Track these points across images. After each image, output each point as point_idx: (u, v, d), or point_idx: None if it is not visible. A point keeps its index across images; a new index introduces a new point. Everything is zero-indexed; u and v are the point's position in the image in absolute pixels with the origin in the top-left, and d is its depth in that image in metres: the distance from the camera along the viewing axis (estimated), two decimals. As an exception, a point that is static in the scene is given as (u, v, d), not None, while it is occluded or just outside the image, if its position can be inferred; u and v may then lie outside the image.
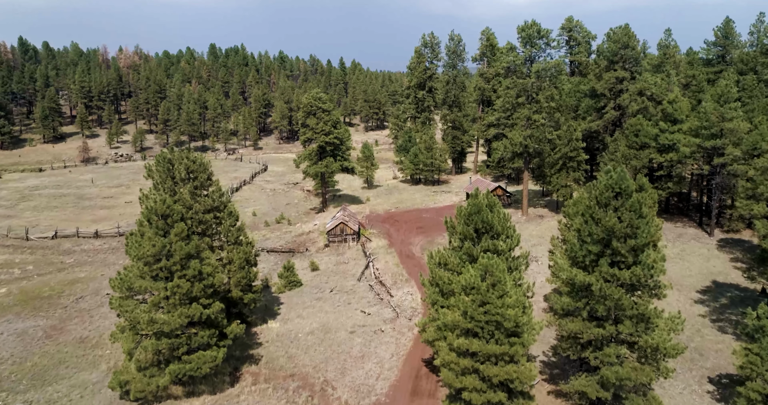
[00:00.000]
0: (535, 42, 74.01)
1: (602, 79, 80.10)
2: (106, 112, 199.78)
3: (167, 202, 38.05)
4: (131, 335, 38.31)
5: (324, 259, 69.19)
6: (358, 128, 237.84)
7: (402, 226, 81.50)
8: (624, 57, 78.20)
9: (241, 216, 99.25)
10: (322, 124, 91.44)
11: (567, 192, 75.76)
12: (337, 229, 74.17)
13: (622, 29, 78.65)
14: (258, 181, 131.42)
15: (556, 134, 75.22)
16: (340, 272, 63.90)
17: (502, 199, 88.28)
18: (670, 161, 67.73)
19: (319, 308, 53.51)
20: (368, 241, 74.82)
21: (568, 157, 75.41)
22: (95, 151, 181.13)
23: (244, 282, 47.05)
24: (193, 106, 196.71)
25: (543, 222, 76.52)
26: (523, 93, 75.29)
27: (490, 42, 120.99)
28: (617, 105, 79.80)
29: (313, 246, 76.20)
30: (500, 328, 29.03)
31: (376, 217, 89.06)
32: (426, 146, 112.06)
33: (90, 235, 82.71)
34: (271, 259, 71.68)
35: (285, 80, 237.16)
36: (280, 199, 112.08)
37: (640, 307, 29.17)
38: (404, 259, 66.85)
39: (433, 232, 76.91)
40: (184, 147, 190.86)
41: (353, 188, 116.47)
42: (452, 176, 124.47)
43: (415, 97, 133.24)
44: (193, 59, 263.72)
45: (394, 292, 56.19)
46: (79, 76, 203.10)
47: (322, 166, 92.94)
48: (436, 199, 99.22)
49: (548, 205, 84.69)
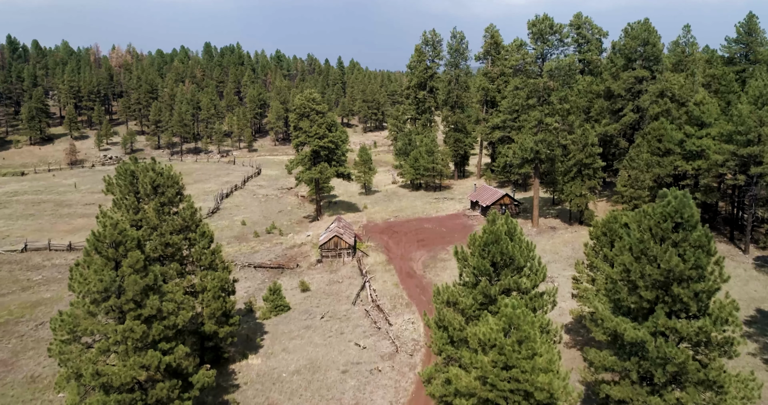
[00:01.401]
0: (547, 38, 67.59)
1: (619, 78, 73.64)
2: (95, 112, 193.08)
3: (119, 227, 31.55)
4: (76, 387, 31.81)
5: (316, 277, 62.70)
6: (356, 129, 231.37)
7: (401, 239, 75.04)
8: (644, 54, 71.72)
9: (229, 225, 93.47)
10: (315, 127, 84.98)
11: (582, 202, 69.34)
12: (330, 243, 67.68)
13: (641, 24, 72.18)
14: (250, 185, 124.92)
15: (570, 139, 68.81)
16: (332, 293, 57.41)
17: (510, 207, 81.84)
18: (698, 169, 61.34)
19: (307, 339, 47.04)
20: (365, 255, 68.34)
21: (583, 163, 69.00)
22: (83, 154, 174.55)
23: (220, 313, 40.57)
24: (186, 106, 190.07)
25: (556, 235, 70.07)
26: (534, 94, 68.86)
27: (494, 40, 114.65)
28: (636, 107, 73.38)
29: (304, 261, 69.71)
30: (529, 399, 22.59)
31: (373, 227, 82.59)
32: (427, 150, 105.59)
33: (63, 247, 76.20)
34: (258, 276, 65.19)
35: (281, 80, 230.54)
36: (272, 206, 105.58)
37: (711, 372, 22.70)
38: (404, 278, 60.38)
39: (435, 246, 70.45)
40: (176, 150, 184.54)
41: (350, 194, 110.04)
42: (454, 181, 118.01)
43: (416, 97, 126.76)
44: (187, 58, 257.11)
45: (393, 320, 49.72)
46: (68, 76, 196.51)
47: (316, 171, 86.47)
48: (438, 207, 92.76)
49: (560, 216, 78.19)
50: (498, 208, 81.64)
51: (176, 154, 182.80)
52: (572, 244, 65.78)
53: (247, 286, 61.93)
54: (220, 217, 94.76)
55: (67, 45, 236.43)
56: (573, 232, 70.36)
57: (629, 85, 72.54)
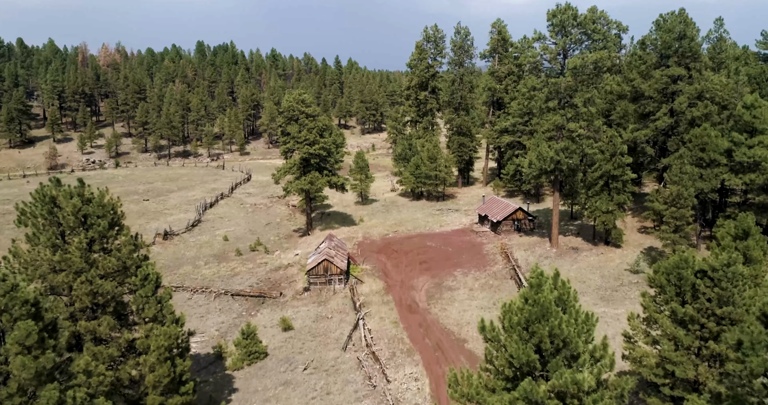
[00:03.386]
0: (570, 31, 58.45)
1: (651, 77, 64.41)
2: (80, 114, 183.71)
3: (6, 285, 22.41)
4: None
5: (301, 310, 53.45)
6: (354, 131, 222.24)
7: (402, 260, 65.84)
8: (679, 50, 62.45)
9: (209, 241, 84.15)
10: (305, 132, 75.78)
11: (609, 219, 60.13)
12: (319, 268, 58.44)
13: (676, 15, 62.98)
14: (238, 193, 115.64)
15: (597, 147, 59.63)
16: (320, 333, 48.18)
17: (524, 223, 72.63)
18: (750, 184, 52.21)
19: (285, 403, 37.79)
20: (359, 282, 59.11)
21: (611, 175, 59.82)
22: (65, 157, 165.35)
23: (167, 381, 31.27)
24: (175, 107, 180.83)
25: (579, 257, 60.83)
26: (554, 95, 59.65)
27: (501, 36, 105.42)
28: (671, 110, 64.15)
29: (290, 287, 60.51)
30: None
31: (370, 245, 73.39)
32: (429, 156, 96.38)
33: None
34: (235, 308, 55.94)
35: (276, 79, 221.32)
36: (260, 217, 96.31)
37: None
38: (405, 312, 51.13)
39: (441, 270, 61.26)
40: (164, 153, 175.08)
41: (345, 204, 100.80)
42: (458, 189, 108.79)
43: (416, 98, 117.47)
44: (178, 57, 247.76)
45: (391, 373, 40.51)
46: (51, 75, 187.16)
47: (306, 182, 77.27)
48: (442, 220, 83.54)
49: (582, 233, 68.94)
50: (510, 224, 72.45)
51: (164, 157, 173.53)
52: (600, 270, 56.56)
53: (219, 321, 52.73)
54: (200, 231, 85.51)
55: (52, 43, 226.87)
56: (599, 254, 61.15)
57: (663, 86, 63.31)
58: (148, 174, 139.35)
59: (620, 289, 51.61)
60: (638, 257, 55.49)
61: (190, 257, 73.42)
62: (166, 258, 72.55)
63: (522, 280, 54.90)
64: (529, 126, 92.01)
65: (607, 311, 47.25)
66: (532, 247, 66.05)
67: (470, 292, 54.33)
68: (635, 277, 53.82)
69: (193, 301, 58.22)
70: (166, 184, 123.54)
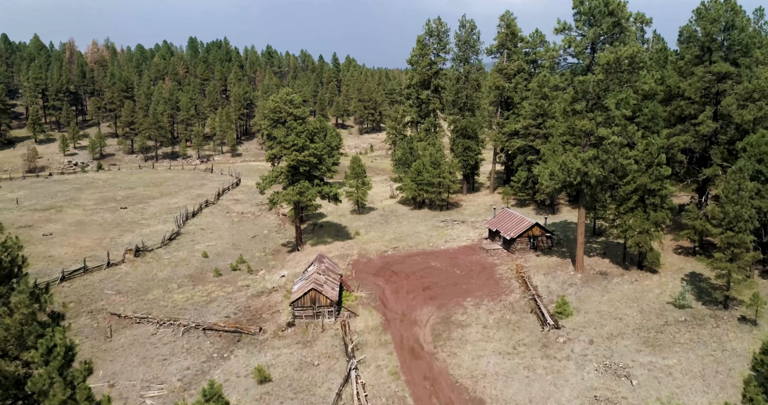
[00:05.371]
0: (601, 20, 49.71)
1: (692, 75, 55.56)
2: (64, 113, 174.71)
3: None
4: None
5: (282, 353, 44.69)
6: (351, 131, 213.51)
7: (402, 285, 57.14)
8: (727, 43, 53.63)
9: (186, 258, 74.73)
10: (293, 137, 67.01)
11: (645, 240, 51.43)
12: (306, 299, 49.73)
13: (721, 3, 54.13)
14: (225, 200, 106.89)
15: (633, 156, 50.92)
16: (303, 388, 39.46)
17: (541, 241, 63.91)
18: (821, 203, 43.49)
19: None
20: (352, 315, 50.41)
21: (648, 189, 51.09)
22: (46, 159, 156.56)
23: None
24: (163, 106, 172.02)
25: (610, 285, 52.06)
26: (582, 96, 50.87)
27: (511, 30, 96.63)
28: (716, 113, 55.33)
29: (272, 320, 51.83)
30: None
31: (366, 265, 64.73)
32: (432, 161, 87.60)
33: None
34: (205, 347, 47.19)
35: (271, 77, 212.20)
36: (246, 228, 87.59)
37: None
38: (407, 358, 42.42)
39: (448, 299, 52.55)
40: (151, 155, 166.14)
41: (340, 213, 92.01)
42: (463, 196, 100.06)
43: (417, 97, 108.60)
44: (170, 54, 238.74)
45: (390, 451, 31.80)
46: (33, 73, 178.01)
47: (294, 193, 68.54)
48: (447, 234, 74.86)
49: (608, 253, 60.22)
50: (525, 241, 63.75)
51: (151, 159, 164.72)
52: (638, 303, 47.80)
53: (185, 366, 43.99)
54: (178, 246, 76.78)
55: (37, 39, 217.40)
56: (632, 281, 52.42)
57: (705, 84, 54.50)
58: (131, 178, 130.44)
59: (666, 329, 42.89)
60: (683, 288, 46.76)
61: (163, 279, 64.72)
62: (135, 280, 63.86)
63: (545, 314, 46.22)
64: (543, 129, 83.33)
65: (655, 362, 38.57)
66: (552, 270, 57.33)
67: (484, 331, 45.63)
68: (681, 314, 45.10)
69: (157, 338, 49.51)
70: (148, 190, 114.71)
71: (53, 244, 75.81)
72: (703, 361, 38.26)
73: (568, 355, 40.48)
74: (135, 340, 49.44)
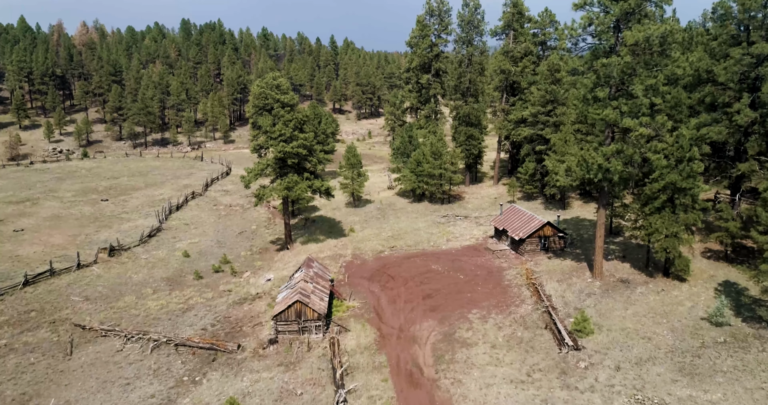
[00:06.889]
0: (628, -6, 43.29)
1: (729, 58, 49.21)
2: (49, 97, 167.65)
3: None
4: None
5: (262, 378, 38.97)
6: (349, 116, 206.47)
7: (400, 292, 51.36)
8: (766, 22, 47.24)
9: (165, 258, 67.98)
10: (280, 126, 60.81)
11: (673, 245, 45.51)
12: (290, 312, 43.95)
13: (762, -24, 47.65)
14: (213, 191, 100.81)
15: (662, 150, 44.79)
16: (282, 424, 33.79)
17: (552, 241, 57.99)
18: None
19: None
20: (343, 331, 44.65)
21: (677, 188, 45.06)
22: (30, 146, 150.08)
23: None
24: (152, 90, 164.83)
25: (633, 295, 46.21)
26: (605, 81, 44.59)
27: (518, 9, 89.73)
28: (753, 100, 49.07)
29: (252, 334, 46.11)
30: None
31: (360, 267, 58.90)
32: (433, 151, 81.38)
33: None
34: (176, 367, 41.50)
35: (266, 60, 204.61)
36: (233, 223, 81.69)
37: None
38: (404, 386, 36.69)
39: (451, 310, 46.78)
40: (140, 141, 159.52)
41: (335, 206, 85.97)
42: (466, 188, 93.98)
43: (417, 82, 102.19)
44: (161, 36, 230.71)
45: None
46: (17, 56, 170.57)
47: (282, 187, 62.50)
48: (449, 232, 68.94)
49: (628, 256, 54.29)
50: (536, 242, 57.83)
51: (139, 146, 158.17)
52: (668, 319, 41.97)
53: (149, 393, 38.30)
54: (157, 243, 70.91)
55: (23, 21, 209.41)
56: (659, 290, 46.57)
57: (743, 68, 48.23)
58: (116, 166, 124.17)
59: (704, 353, 37.11)
60: (720, 303, 40.84)
61: (137, 282, 58.94)
62: (106, 284, 58.04)
63: (563, 332, 40.46)
64: (553, 116, 76.98)
65: (696, 396, 32.83)
66: (567, 276, 51.47)
67: (493, 351, 39.89)
68: (720, 333, 39.28)
69: (122, 356, 43.82)
70: (133, 180, 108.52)
71: (23, 242, 69.91)
72: (753, 395, 32.48)
73: (592, 385, 34.75)
74: (97, 358, 43.75)
